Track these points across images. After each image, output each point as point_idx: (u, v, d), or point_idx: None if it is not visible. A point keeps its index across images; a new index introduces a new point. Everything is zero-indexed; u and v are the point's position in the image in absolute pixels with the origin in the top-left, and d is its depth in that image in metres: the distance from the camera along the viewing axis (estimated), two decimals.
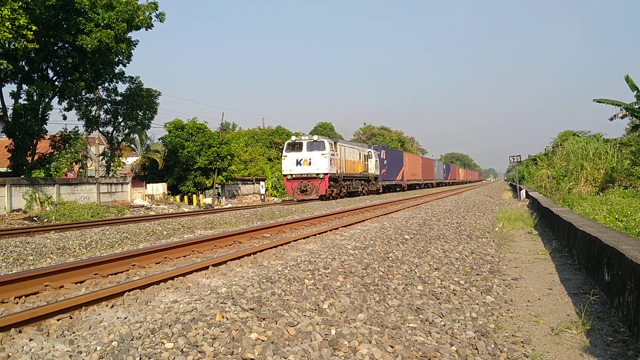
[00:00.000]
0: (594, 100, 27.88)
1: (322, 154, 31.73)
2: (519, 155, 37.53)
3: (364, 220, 17.04)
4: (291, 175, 32.49)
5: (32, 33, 20.34)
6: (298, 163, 32.09)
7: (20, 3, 20.16)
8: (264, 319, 5.33)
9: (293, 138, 33.55)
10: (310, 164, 31.88)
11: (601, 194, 21.40)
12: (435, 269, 8.68)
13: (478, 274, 8.62)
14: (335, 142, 34.19)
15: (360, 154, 40.89)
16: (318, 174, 31.83)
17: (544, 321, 6.20)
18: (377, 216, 19.03)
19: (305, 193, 31.96)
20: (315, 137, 32.68)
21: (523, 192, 32.29)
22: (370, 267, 8.13)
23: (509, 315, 6.45)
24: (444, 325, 5.78)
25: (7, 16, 19.18)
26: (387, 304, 6.37)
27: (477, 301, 6.91)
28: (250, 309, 5.58)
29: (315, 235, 13.09)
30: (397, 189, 55.25)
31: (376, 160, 44.84)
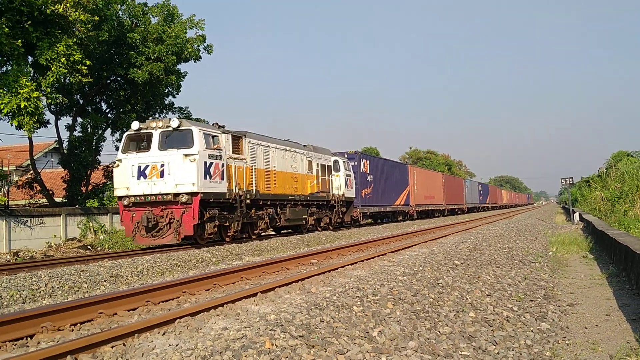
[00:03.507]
0: None
1: (186, 155, 16.38)
2: (571, 177, 36.67)
3: (412, 246, 16.85)
4: (128, 197, 16.86)
5: (86, 68, 21.10)
6: (142, 173, 16.74)
7: (75, 39, 20.99)
8: (313, 347, 5.30)
9: (135, 125, 17.32)
10: (162, 174, 16.52)
11: None
12: (487, 295, 8.49)
13: (532, 300, 8.38)
14: (234, 135, 18.94)
15: (312, 162, 25.18)
16: (178, 195, 16.28)
17: (602, 349, 5.98)
18: (426, 241, 18.80)
19: (154, 233, 16.54)
20: (175, 123, 16.78)
21: (576, 215, 31.40)
22: (420, 293, 8.01)
23: (565, 342, 6.25)
24: (498, 353, 5.63)
25: (62, 52, 19.98)
26: (438, 331, 6.25)
27: (531, 328, 6.71)
28: (300, 336, 5.56)
29: (362, 261, 13.00)
30: (399, 218, 39.43)
31: (348, 175, 28.56)
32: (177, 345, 5.46)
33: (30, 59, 21.38)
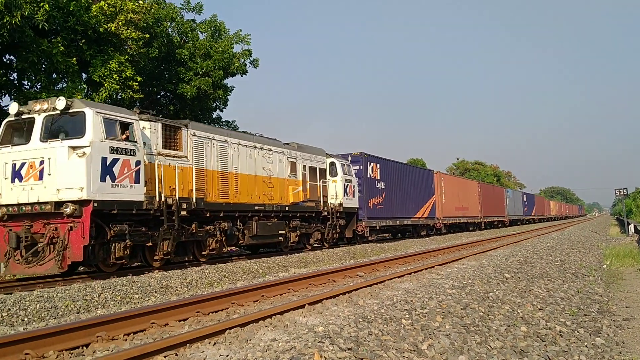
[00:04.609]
0: None
1: (73, 147, 12.09)
2: (626, 188, 35.61)
3: (460, 259, 16.64)
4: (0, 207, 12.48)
5: (137, 84, 21.73)
6: (17, 174, 12.45)
7: (127, 56, 21.65)
8: (362, 359, 5.30)
9: (14, 108, 12.92)
10: (41, 175, 12.18)
11: None
12: (539, 309, 8.31)
13: (586, 315, 8.16)
14: (167, 125, 14.63)
15: (296, 164, 20.33)
16: (61, 204, 11.89)
17: None
18: (475, 254, 18.53)
19: (30, 257, 11.93)
20: (61, 103, 12.24)
21: (631, 226, 30.44)
22: (470, 307, 7.91)
23: (620, 358, 6.06)
24: None
25: (115, 69, 20.64)
26: (489, 345, 6.16)
27: (585, 343, 6.54)
28: (348, 349, 5.56)
29: (410, 273, 12.92)
30: (422, 233, 33.62)
31: (348, 180, 23.35)
32: (227, 356, 5.54)
33: (84, 75, 22.14)
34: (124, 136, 12.90)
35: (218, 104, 30.82)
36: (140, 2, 21.94)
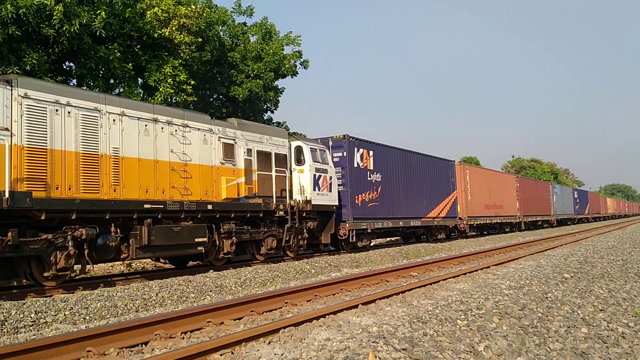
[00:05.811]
0: None
1: None
2: None
3: (517, 258, 16.29)
4: None
5: (190, 87, 22.20)
6: None
7: (180, 60, 22.15)
8: None
9: None
10: None
11: None
12: (601, 310, 8.04)
13: None
14: None
15: (234, 147, 15.35)
16: None
17: None
18: (532, 254, 18.11)
19: None
20: None
21: None
22: (528, 307, 7.73)
23: None
24: None
25: (169, 73, 21.17)
26: (548, 347, 6.00)
27: None
28: (403, 349, 5.52)
29: (465, 274, 12.73)
30: (439, 236, 27.73)
31: (322, 170, 18.19)
32: (282, 355, 5.58)
33: (140, 80, 22.75)
34: None
35: (269, 105, 31.14)
36: (193, 6, 22.40)
